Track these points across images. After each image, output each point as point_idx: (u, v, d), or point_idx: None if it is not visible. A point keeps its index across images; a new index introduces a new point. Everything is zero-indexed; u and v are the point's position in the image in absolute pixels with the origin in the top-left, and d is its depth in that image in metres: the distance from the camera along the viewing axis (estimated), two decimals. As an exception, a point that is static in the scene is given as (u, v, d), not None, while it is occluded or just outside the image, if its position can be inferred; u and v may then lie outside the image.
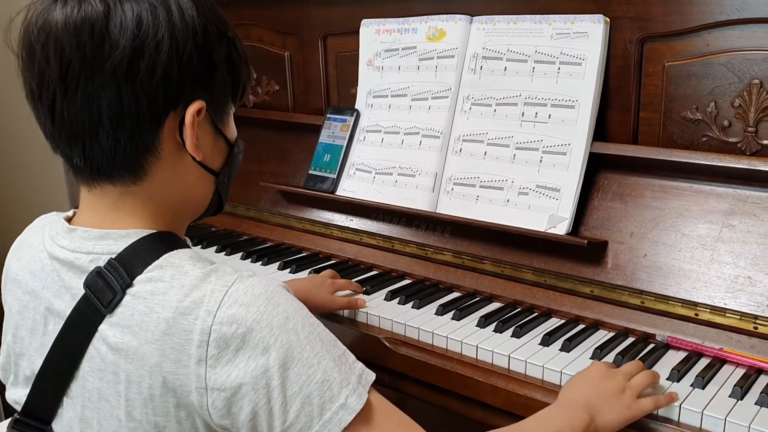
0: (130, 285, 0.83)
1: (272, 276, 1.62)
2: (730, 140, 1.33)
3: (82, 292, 0.85)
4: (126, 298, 0.82)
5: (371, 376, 0.87)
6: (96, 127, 0.83)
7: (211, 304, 0.80)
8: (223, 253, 1.79)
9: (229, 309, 0.80)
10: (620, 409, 1.02)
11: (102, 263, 0.85)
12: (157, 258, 0.84)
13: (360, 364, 0.87)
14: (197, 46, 0.84)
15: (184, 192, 0.92)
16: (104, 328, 0.83)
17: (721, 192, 1.30)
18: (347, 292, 1.49)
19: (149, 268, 0.84)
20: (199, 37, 0.84)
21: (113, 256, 0.85)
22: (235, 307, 0.80)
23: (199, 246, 1.84)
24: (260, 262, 1.71)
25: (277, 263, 1.69)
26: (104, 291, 0.83)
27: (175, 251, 0.86)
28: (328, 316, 1.45)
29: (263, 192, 1.93)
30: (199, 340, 0.79)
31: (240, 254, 1.76)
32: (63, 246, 0.89)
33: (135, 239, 0.86)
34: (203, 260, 0.87)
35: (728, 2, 1.28)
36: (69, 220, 0.93)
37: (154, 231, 0.88)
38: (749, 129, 1.30)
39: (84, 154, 0.85)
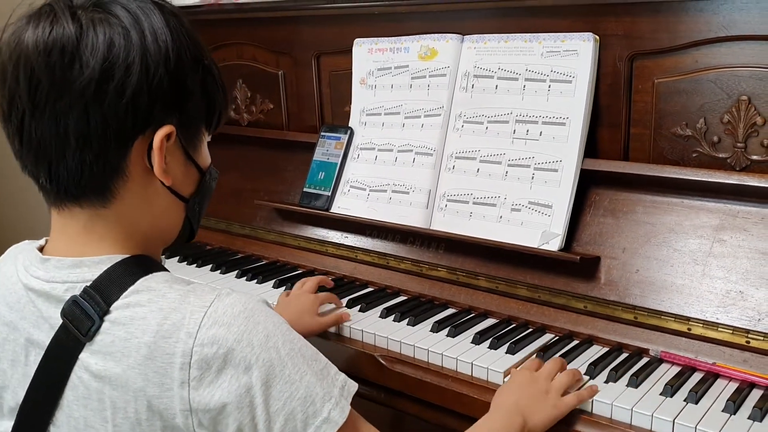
0: (107, 312, 0.83)
1: (268, 294, 1.63)
2: (720, 156, 1.34)
3: (60, 321, 0.85)
4: (105, 325, 0.82)
5: (353, 387, 0.88)
6: (63, 147, 0.83)
7: (191, 326, 0.80)
8: (218, 271, 1.79)
9: (209, 330, 0.80)
10: (548, 409, 1.09)
11: (78, 292, 0.84)
12: (133, 283, 0.85)
13: (342, 376, 0.87)
14: (169, 71, 0.84)
15: (154, 217, 0.91)
16: (85, 356, 0.83)
17: (711, 207, 1.32)
18: (331, 306, 1.50)
19: (126, 293, 0.84)
20: (171, 63, 0.84)
21: (88, 284, 0.85)
22: (215, 328, 0.80)
23: (194, 265, 1.85)
24: (255, 281, 1.71)
25: (273, 281, 1.69)
26: (82, 320, 0.83)
27: (150, 275, 0.86)
28: (323, 334, 1.46)
29: (258, 210, 1.93)
30: (181, 363, 0.79)
31: (235, 272, 1.77)
32: (38, 276, 0.88)
33: (109, 265, 0.86)
34: (180, 281, 0.87)
35: (716, 20, 1.30)
36: (42, 248, 0.93)
37: (128, 255, 0.88)
38: (738, 144, 1.32)
39: (50, 175, 0.85)
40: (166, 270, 0.91)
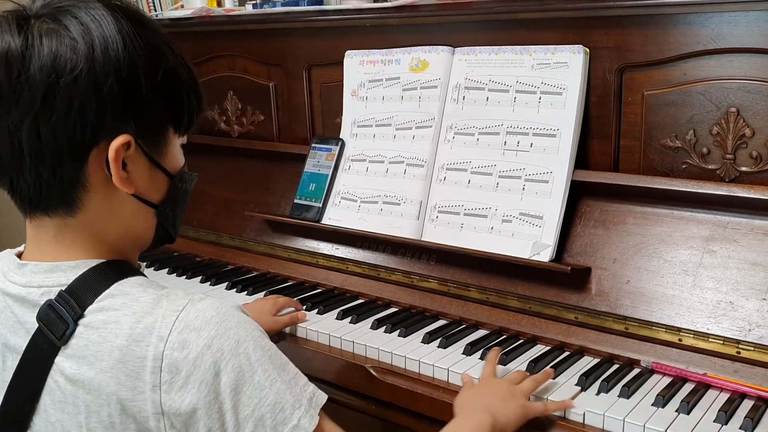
0: (81, 316, 0.83)
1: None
2: (710, 167, 1.35)
3: (36, 326, 0.85)
4: (78, 329, 0.83)
5: (322, 398, 0.88)
6: (19, 162, 0.83)
7: (163, 330, 0.81)
8: (208, 283, 1.78)
9: (180, 334, 0.80)
10: (516, 408, 1.09)
11: (53, 296, 0.85)
12: (108, 287, 0.85)
13: (312, 386, 0.88)
14: (120, 81, 0.83)
15: (124, 224, 0.91)
16: (60, 360, 0.84)
17: (701, 218, 1.32)
18: (289, 310, 1.52)
19: (100, 297, 0.84)
20: (123, 72, 0.83)
21: (64, 288, 0.85)
22: (186, 332, 0.80)
23: (184, 276, 1.84)
24: (245, 292, 1.70)
25: (263, 292, 1.68)
26: (57, 324, 0.83)
27: (125, 279, 0.86)
28: (314, 346, 1.45)
29: (248, 221, 1.93)
30: (152, 366, 0.80)
31: (225, 284, 1.76)
32: (14, 281, 0.89)
33: (84, 269, 0.86)
34: (155, 286, 0.87)
35: (704, 33, 1.31)
36: (20, 254, 0.93)
37: (104, 260, 0.88)
38: (728, 156, 1.33)
39: (12, 188, 0.86)
40: (142, 275, 0.91)
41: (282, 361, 0.86)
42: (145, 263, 1.01)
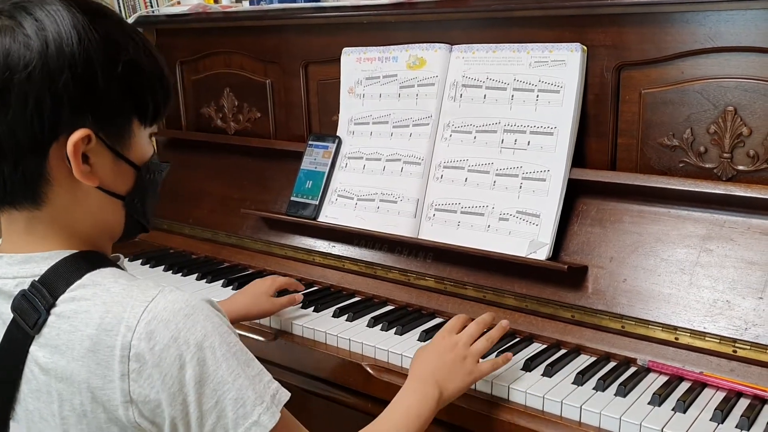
0: (53, 305, 0.84)
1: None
2: (707, 166, 1.35)
3: (11, 316, 0.86)
4: (51, 318, 0.84)
5: (285, 396, 0.89)
6: None
7: (131, 320, 0.82)
8: (204, 280, 1.78)
9: (148, 325, 0.81)
10: (463, 376, 1.16)
11: (26, 286, 0.86)
12: (80, 277, 0.86)
13: (275, 384, 0.88)
14: (75, 76, 0.83)
15: (92, 216, 0.91)
16: (34, 349, 0.85)
17: (698, 217, 1.32)
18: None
19: (72, 287, 0.85)
20: (78, 66, 0.83)
21: (36, 278, 0.86)
22: (153, 323, 0.82)
23: (180, 274, 1.83)
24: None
25: (259, 290, 1.68)
26: (30, 313, 0.85)
27: (98, 270, 0.87)
28: (311, 344, 1.45)
29: (245, 219, 1.92)
30: (120, 356, 0.81)
31: (221, 282, 1.76)
32: None
33: (57, 260, 0.87)
34: (126, 276, 0.88)
35: (702, 31, 1.31)
36: None
37: (77, 251, 0.89)
38: (725, 155, 1.33)
39: None
40: (116, 266, 0.92)
41: (247, 357, 0.87)
42: (128, 258, 1.01)
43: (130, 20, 2.09)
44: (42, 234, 0.89)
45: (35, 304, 0.85)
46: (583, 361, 1.31)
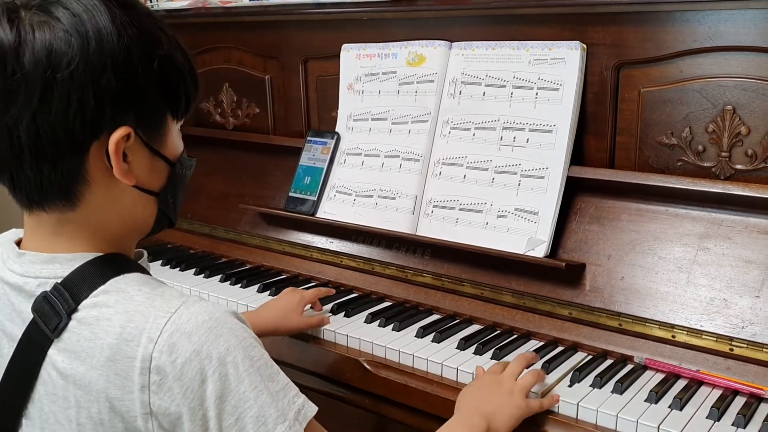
0: (75, 310, 0.83)
1: (252, 299, 1.62)
2: (705, 165, 1.36)
3: (31, 316, 0.85)
4: (72, 324, 0.82)
5: (311, 411, 0.86)
6: (19, 158, 0.82)
7: (153, 331, 0.80)
8: (202, 275, 1.78)
9: (171, 337, 0.79)
10: (512, 410, 1.11)
11: (49, 287, 0.84)
12: (104, 283, 0.84)
13: (301, 399, 0.86)
14: (117, 73, 0.81)
15: (124, 215, 0.90)
16: (53, 353, 0.83)
17: (696, 215, 1.33)
18: (313, 313, 1.50)
19: (95, 293, 0.83)
20: (119, 63, 0.81)
21: (59, 281, 0.84)
22: (176, 336, 0.79)
23: (177, 268, 1.83)
24: (239, 285, 1.70)
25: (257, 286, 1.68)
26: (50, 316, 0.83)
27: (122, 276, 0.85)
28: (307, 338, 1.45)
29: (243, 214, 1.92)
30: (140, 367, 0.79)
31: (219, 277, 1.76)
32: (13, 270, 0.88)
33: (81, 263, 0.85)
34: (150, 284, 0.86)
35: (701, 30, 1.31)
36: (20, 241, 0.92)
37: (101, 254, 0.87)
38: (723, 154, 1.33)
39: (13, 184, 0.85)
40: (141, 269, 0.90)
41: (271, 372, 0.84)
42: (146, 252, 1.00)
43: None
44: (69, 234, 0.87)
45: (57, 308, 0.83)
46: (581, 358, 1.32)
